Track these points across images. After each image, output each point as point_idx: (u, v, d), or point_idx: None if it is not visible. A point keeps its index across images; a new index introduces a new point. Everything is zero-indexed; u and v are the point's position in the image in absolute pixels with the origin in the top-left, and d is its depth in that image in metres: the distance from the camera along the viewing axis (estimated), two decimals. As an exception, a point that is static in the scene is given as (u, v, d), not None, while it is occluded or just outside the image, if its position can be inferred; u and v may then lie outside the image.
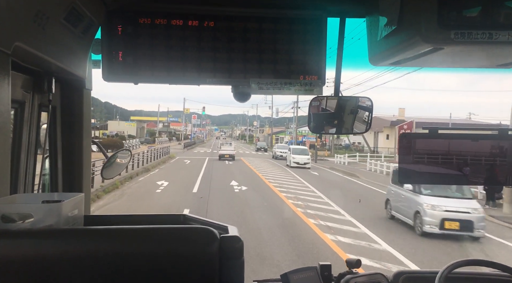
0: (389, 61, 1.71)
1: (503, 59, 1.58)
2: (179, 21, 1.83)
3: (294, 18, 1.89)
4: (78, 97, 2.01)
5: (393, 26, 1.54)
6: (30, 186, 1.80)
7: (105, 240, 1.26)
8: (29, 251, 1.19)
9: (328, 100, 2.01)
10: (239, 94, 1.94)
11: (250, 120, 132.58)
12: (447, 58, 1.57)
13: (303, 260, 8.57)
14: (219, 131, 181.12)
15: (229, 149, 39.28)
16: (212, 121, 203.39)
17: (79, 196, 1.51)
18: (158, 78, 1.86)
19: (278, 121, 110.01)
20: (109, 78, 1.85)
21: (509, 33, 1.33)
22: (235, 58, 1.87)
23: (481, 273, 2.10)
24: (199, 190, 18.23)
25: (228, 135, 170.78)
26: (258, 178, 24.34)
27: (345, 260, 2.05)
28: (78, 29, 1.69)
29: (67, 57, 1.72)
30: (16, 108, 1.70)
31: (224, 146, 41.62)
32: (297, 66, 1.91)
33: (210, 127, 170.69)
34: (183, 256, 1.27)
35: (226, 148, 39.38)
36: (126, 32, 1.82)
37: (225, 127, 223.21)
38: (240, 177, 23.82)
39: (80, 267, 1.21)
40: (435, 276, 1.84)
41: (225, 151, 37.95)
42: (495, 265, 1.94)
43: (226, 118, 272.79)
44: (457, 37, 1.34)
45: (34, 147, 1.81)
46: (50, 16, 1.46)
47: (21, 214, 1.30)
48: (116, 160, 2.28)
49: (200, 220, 1.77)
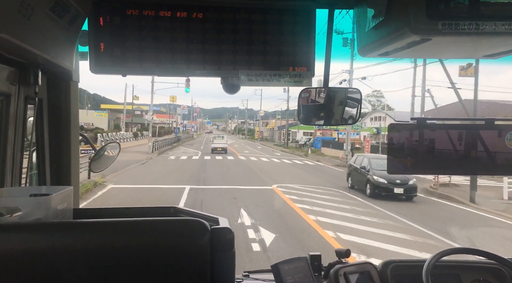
0: (378, 52, 1.71)
1: (489, 49, 1.60)
2: (167, 12, 1.82)
3: (283, 9, 1.88)
4: (65, 90, 1.99)
5: (381, 17, 1.54)
6: (17, 179, 1.78)
7: (95, 233, 1.26)
8: (18, 245, 1.18)
9: (318, 91, 2.02)
10: (228, 86, 1.94)
11: (243, 114, 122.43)
12: (435, 49, 1.58)
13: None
14: (211, 125, 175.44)
15: (221, 142, 42.12)
16: (204, 114, 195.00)
17: (68, 189, 1.50)
18: (146, 70, 1.84)
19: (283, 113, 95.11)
20: (97, 70, 1.83)
21: (496, 24, 1.35)
22: (224, 50, 1.86)
23: (468, 261, 2.14)
24: None
25: (221, 129, 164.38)
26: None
27: (335, 250, 2.07)
28: (64, 20, 1.66)
29: (53, 48, 1.70)
30: (2, 101, 1.68)
31: (216, 139, 44.11)
32: (286, 58, 1.91)
33: (202, 119, 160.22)
34: (174, 248, 1.27)
35: (219, 141, 42.33)
36: (114, 23, 1.80)
37: (218, 120, 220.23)
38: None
39: (69, 261, 1.20)
40: (423, 264, 1.87)
41: (218, 145, 40.82)
42: (482, 253, 1.97)
43: (219, 112, 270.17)
44: (444, 28, 1.35)
45: (20, 140, 1.79)
46: (35, 7, 1.43)
47: (9, 207, 1.29)
48: (105, 153, 2.26)
49: (190, 212, 1.77)
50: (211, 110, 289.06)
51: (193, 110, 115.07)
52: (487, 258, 2.00)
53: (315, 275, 1.93)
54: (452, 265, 2.09)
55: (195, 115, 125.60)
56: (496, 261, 1.99)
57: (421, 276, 1.84)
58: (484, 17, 1.35)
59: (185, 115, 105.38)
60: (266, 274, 2.08)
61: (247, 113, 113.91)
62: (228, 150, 40.86)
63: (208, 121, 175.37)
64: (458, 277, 2.05)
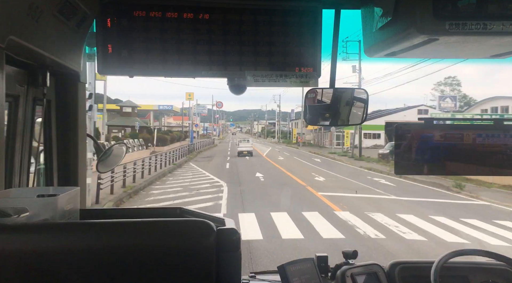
0: (384, 52, 1.71)
1: (497, 49, 1.59)
2: (174, 13, 1.82)
3: (289, 9, 1.88)
4: (73, 91, 2.00)
5: (388, 17, 1.54)
6: (25, 180, 1.79)
7: (102, 234, 1.26)
8: (25, 246, 1.19)
9: (324, 92, 2.01)
10: (234, 86, 1.94)
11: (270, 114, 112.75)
12: (442, 49, 1.57)
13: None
14: (235, 127, 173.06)
15: (246, 145, 41.58)
16: (227, 116, 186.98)
17: (75, 189, 1.50)
18: (153, 71, 1.85)
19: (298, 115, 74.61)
20: (104, 72, 1.85)
21: (504, 23, 1.34)
22: (230, 51, 1.87)
23: (477, 262, 2.12)
24: None
25: (245, 132, 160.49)
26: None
27: (342, 251, 2.07)
28: (72, 22, 1.67)
29: (61, 50, 1.71)
30: (11, 103, 1.69)
31: (242, 143, 43.53)
32: (292, 58, 1.91)
33: (224, 121, 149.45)
34: (180, 249, 1.27)
35: (244, 145, 41.74)
36: (121, 25, 1.81)
37: (241, 122, 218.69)
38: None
39: (76, 261, 1.21)
40: (431, 266, 1.86)
41: (244, 148, 40.32)
42: (490, 255, 1.95)
43: (241, 114, 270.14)
44: (452, 28, 1.35)
45: (28, 141, 1.81)
46: (44, 9, 1.45)
47: (16, 208, 1.29)
48: (112, 153, 2.27)
49: (196, 212, 1.78)
50: (233, 113, 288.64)
51: (214, 112, 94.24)
52: (495, 259, 1.98)
53: (322, 276, 1.92)
54: (461, 266, 2.07)
55: (217, 116, 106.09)
56: (504, 263, 1.97)
57: (429, 278, 1.83)
58: (492, 16, 1.34)
59: (205, 117, 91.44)
60: (273, 275, 2.08)
61: (280, 112, 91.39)
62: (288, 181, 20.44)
63: (232, 123, 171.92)
64: (466, 278, 2.04)
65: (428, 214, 12.47)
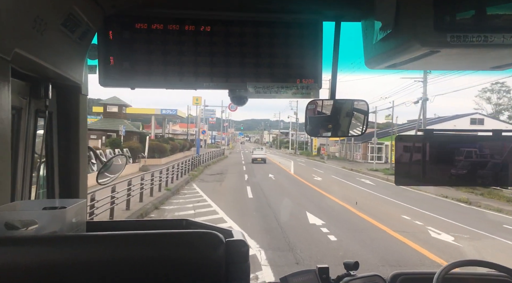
0: (385, 64, 1.73)
1: (497, 61, 1.61)
2: (175, 26, 1.83)
3: (290, 22, 1.90)
4: (75, 103, 2.00)
5: (389, 29, 1.56)
6: (28, 192, 1.78)
7: (111, 246, 1.25)
8: (35, 258, 1.18)
9: (324, 103, 2.03)
10: (236, 98, 1.95)
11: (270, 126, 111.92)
12: (442, 60, 1.59)
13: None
14: (243, 136, 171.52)
15: (260, 153, 45.13)
16: (235, 126, 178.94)
17: (82, 202, 1.50)
18: (155, 83, 1.86)
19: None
20: (106, 84, 1.85)
21: (504, 36, 1.36)
22: (232, 63, 1.88)
23: (478, 273, 2.13)
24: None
25: (253, 141, 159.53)
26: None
27: (343, 262, 2.07)
28: (75, 34, 1.68)
29: (64, 63, 1.72)
30: (13, 115, 1.68)
31: (256, 150, 47.17)
32: (293, 70, 1.92)
33: (233, 130, 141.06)
34: (189, 261, 1.26)
35: (258, 152, 45.16)
36: (123, 37, 1.82)
37: (248, 132, 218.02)
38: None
39: (86, 274, 1.20)
40: (433, 277, 1.86)
41: (257, 155, 43.52)
42: (493, 266, 1.96)
43: (249, 123, 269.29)
44: (453, 40, 1.37)
45: (31, 153, 1.80)
46: (48, 22, 1.45)
47: (24, 221, 1.29)
48: (112, 165, 2.27)
49: (202, 224, 1.77)
50: (241, 122, 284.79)
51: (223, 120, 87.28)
52: (497, 270, 1.99)
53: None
54: (462, 277, 2.08)
55: (226, 125, 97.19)
56: (506, 274, 1.98)
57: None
58: (493, 29, 1.36)
59: (213, 125, 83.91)
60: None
61: (298, 121, 75.50)
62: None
63: (240, 132, 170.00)
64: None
65: None
